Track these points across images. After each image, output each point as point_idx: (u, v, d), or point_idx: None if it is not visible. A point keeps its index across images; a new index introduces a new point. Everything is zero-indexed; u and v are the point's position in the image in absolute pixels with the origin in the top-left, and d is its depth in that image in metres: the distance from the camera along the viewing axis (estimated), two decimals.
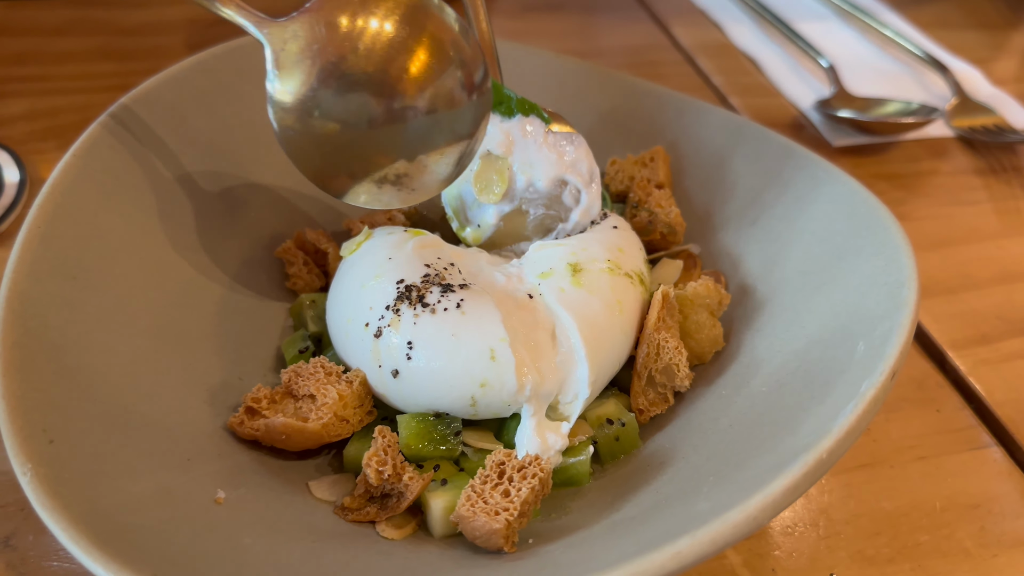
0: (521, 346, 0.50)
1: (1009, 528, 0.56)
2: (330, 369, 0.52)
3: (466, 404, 0.50)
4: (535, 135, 0.58)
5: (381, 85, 0.46)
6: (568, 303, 0.53)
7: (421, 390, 0.51)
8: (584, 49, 1.07)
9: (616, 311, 0.54)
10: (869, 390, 0.41)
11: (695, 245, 0.66)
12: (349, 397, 0.50)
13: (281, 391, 0.52)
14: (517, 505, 0.45)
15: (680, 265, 0.63)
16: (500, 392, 0.50)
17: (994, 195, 0.87)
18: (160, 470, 0.45)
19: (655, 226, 0.64)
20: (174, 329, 0.54)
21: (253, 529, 0.44)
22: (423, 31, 0.46)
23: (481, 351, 0.50)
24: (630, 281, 0.56)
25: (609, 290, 0.54)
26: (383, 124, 0.47)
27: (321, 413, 0.50)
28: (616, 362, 0.54)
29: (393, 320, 0.51)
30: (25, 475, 0.40)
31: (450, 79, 0.47)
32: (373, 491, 0.48)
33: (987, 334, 0.70)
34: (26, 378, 0.44)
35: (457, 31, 0.48)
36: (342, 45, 0.45)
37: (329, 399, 0.50)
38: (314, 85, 0.45)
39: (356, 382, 0.51)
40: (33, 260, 0.48)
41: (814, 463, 0.38)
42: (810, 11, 1.16)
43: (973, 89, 1.00)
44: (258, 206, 0.63)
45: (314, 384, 0.51)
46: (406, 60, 0.46)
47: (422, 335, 0.50)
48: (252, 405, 0.51)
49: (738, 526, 0.36)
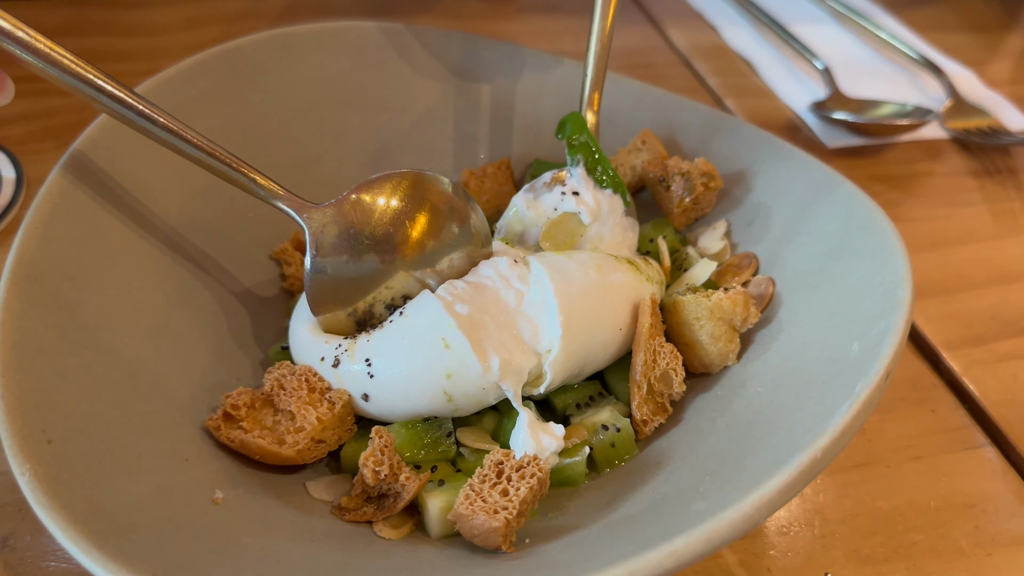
0: (478, 327, 0.51)
1: (1003, 527, 0.57)
2: (314, 385, 0.51)
3: (443, 401, 0.51)
4: (615, 214, 0.62)
5: (394, 250, 0.55)
6: (544, 260, 0.54)
7: (395, 402, 0.51)
8: (579, 50, 1.06)
9: (592, 269, 0.54)
10: (864, 390, 0.42)
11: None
12: (329, 420, 0.50)
13: (261, 399, 0.51)
14: (516, 504, 0.45)
15: (713, 267, 0.62)
16: (468, 377, 0.50)
17: (989, 196, 0.87)
18: (159, 470, 0.45)
19: (693, 182, 0.64)
20: (172, 329, 0.54)
21: (251, 528, 0.45)
22: (424, 202, 0.56)
23: (433, 343, 0.50)
24: (615, 258, 0.56)
25: (587, 256, 0.55)
26: (389, 272, 0.55)
27: (298, 438, 0.49)
28: (596, 319, 0.53)
29: (350, 346, 0.52)
30: (23, 475, 0.40)
31: (446, 232, 0.56)
32: (370, 491, 0.49)
33: (982, 334, 0.71)
34: (25, 378, 0.44)
35: (450, 193, 0.57)
36: (365, 223, 0.54)
37: (307, 424, 0.50)
38: (346, 261, 0.54)
39: (339, 404, 0.51)
40: (32, 261, 0.49)
41: (809, 462, 0.38)
42: (806, 13, 1.17)
43: (968, 91, 1.01)
44: (255, 207, 0.63)
45: (296, 401, 0.50)
46: (412, 228, 0.56)
47: (376, 350, 0.51)
48: (230, 411, 0.50)
49: (734, 525, 0.37)
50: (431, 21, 1.07)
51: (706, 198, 0.65)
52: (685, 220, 0.66)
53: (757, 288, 0.58)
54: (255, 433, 0.49)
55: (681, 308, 0.55)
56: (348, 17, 0.79)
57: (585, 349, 0.53)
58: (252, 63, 0.65)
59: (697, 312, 0.55)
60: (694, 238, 0.66)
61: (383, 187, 0.55)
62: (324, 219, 0.54)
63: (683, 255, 0.63)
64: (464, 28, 1.06)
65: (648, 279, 0.57)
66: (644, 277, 0.57)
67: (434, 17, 1.08)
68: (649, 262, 0.59)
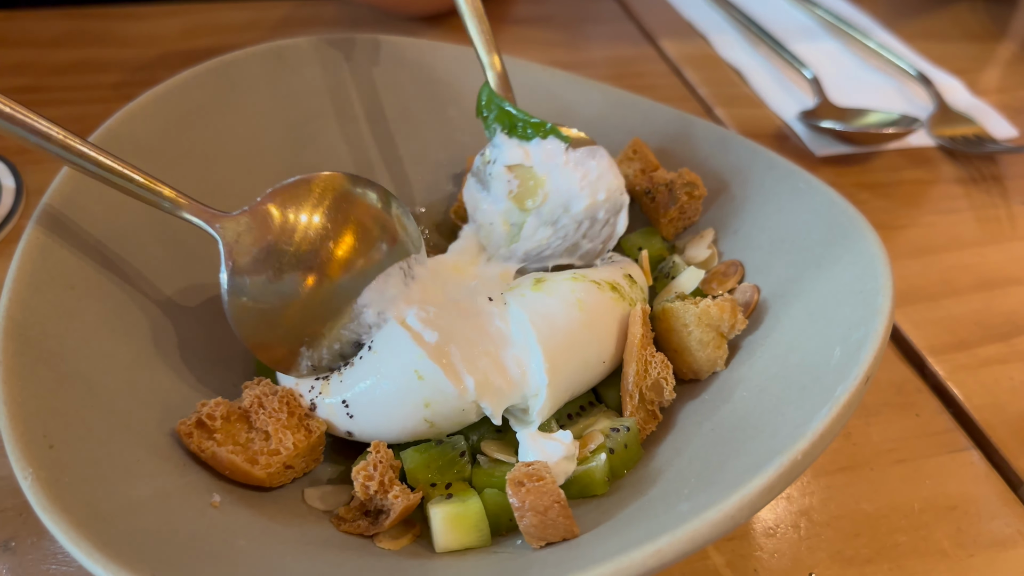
0: (448, 353, 0.51)
1: (985, 529, 0.58)
2: (294, 408, 0.51)
3: (425, 428, 0.52)
4: (555, 156, 0.60)
5: (319, 266, 0.53)
6: (524, 303, 0.55)
7: (378, 435, 0.52)
8: (572, 60, 1.09)
9: (575, 308, 0.54)
10: (843, 394, 0.43)
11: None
12: (303, 448, 0.50)
13: (237, 413, 0.51)
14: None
15: (701, 275, 0.63)
16: (446, 402, 0.51)
17: (974, 204, 0.89)
18: (158, 474, 0.46)
19: (677, 192, 0.65)
20: (171, 335, 0.55)
21: (248, 532, 0.46)
22: (348, 216, 0.54)
23: (407, 376, 0.51)
24: (597, 287, 0.56)
25: (568, 291, 0.55)
26: (321, 295, 0.53)
27: (271, 461, 0.49)
28: (581, 360, 0.54)
29: (324, 387, 0.53)
30: (26, 479, 0.41)
31: (375, 249, 0.55)
32: (367, 504, 0.49)
33: (965, 340, 0.72)
34: (26, 385, 0.45)
35: (379, 207, 0.56)
36: (285, 236, 0.52)
37: (283, 448, 0.49)
38: (265, 273, 0.51)
39: (316, 434, 0.51)
40: (33, 270, 0.50)
41: (789, 464, 0.40)
42: (795, 23, 1.18)
43: (954, 100, 1.02)
44: None
45: (274, 423, 0.50)
46: (336, 244, 0.54)
47: (351, 389, 0.52)
48: (205, 420, 0.50)
49: (716, 524, 0.38)
50: (425, 33, 1.09)
51: (691, 207, 0.66)
52: (672, 230, 0.67)
53: (743, 295, 0.59)
54: (228, 448, 0.49)
55: (670, 315, 0.56)
56: (342, 30, 0.80)
57: (572, 388, 0.54)
58: (248, 76, 0.66)
59: (685, 319, 0.55)
60: (682, 247, 0.67)
61: (302, 193, 0.53)
62: (239, 228, 0.50)
63: (670, 263, 0.65)
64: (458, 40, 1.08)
65: (631, 303, 0.58)
66: (627, 303, 0.57)
67: (428, 28, 1.10)
68: (634, 281, 0.60)
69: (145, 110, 0.60)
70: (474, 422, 0.53)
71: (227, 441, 0.49)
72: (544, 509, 0.46)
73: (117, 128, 0.58)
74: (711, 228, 0.67)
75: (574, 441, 0.52)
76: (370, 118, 0.71)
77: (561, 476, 0.50)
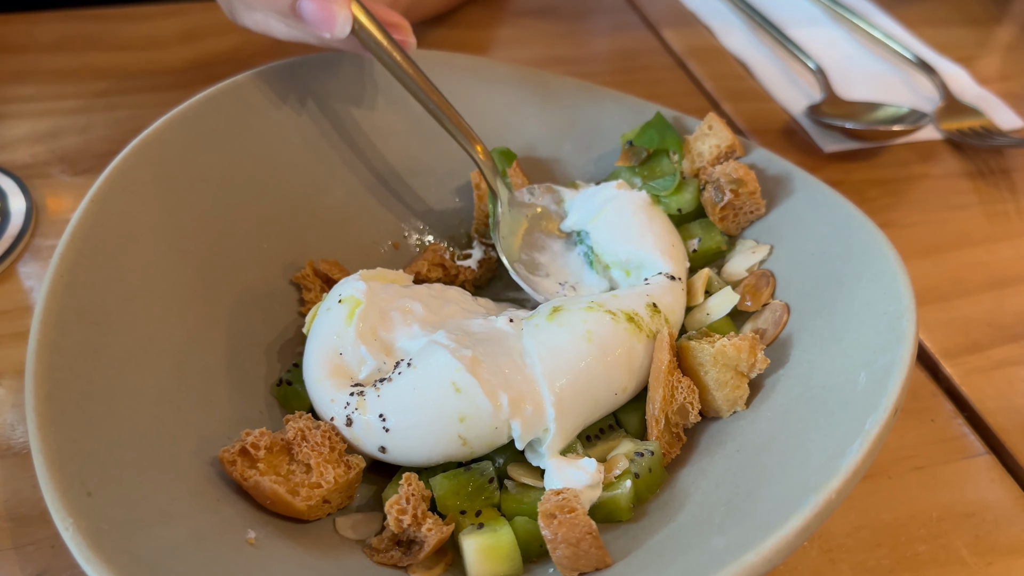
0: (484, 368, 0.52)
1: (1003, 536, 0.59)
2: (335, 444, 0.52)
3: (458, 446, 0.52)
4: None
5: None
6: (535, 334, 0.55)
7: (411, 451, 0.52)
8: (576, 55, 1.08)
9: (583, 340, 0.55)
10: (873, 428, 0.43)
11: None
12: (342, 483, 0.51)
13: (280, 444, 0.52)
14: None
15: (735, 300, 0.62)
16: (480, 418, 0.51)
17: (983, 199, 0.89)
18: (192, 513, 0.47)
19: (723, 190, 0.65)
20: (194, 366, 0.55)
21: (284, 568, 0.46)
22: None
23: (444, 389, 0.51)
24: (611, 318, 0.56)
25: (580, 323, 0.56)
26: None
27: (312, 493, 0.50)
28: (590, 393, 0.54)
29: (360, 403, 0.53)
30: (67, 529, 0.41)
31: None
32: (399, 536, 0.50)
33: (978, 341, 0.73)
34: (60, 430, 0.45)
35: None
36: None
37: (324, 482, 0.50)
38: None
39: (355, 470, 0.52)
40: (59, 309, 0.50)
41: (824, 503, 0.40)
42: (800, 10, 1.18)
43: (960, 90, 1.02)
44: (271, 237, 0.64)
45: (316, 456, 0.51)
46: None
47: (390, 403, 0.52)
48: (248, 448, 0.51)
49: (755, 567, 0.38)
50: (430, 30, 1.08)
51: (745, 203, 0.65)
52: (729, 226, 0.67)
53: (773, 313, 0.60)
54: (271, 478, 0.50)
55: (686, 353, 0.57)
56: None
57: (582, 420, 0.55)
58: (262, 95, 0.66)
59: (701, 358, 0.55)
60: (730, 253, 0.66)
61: None
62: None
63: (701, 277, 0.64)
64: (462, 36, 1.08)
65: (649, 335, 0.57)
66: (645, 333, 0.57)
67: (431, 26, 1.09)
68: (657, 311, 0.59)
69: (162, 135, 0.60)
70: (501, 445, 0.53)
71: (269, 471, 0.50)
72: (576, 541, 0.46)
73: (136, 154, 0.59)
74: (769, 244, 0.65)
75: (599, 468, 0.52)
76: (382, 131, 0.71)
77: (586, 503, 0.51)
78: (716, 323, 0.61)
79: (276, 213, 0.65)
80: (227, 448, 0.50)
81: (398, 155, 0.72)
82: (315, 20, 0.59)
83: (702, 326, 0.61)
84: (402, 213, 0.72)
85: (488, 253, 0.70)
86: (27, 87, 0.95)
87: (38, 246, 0.75)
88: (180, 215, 0.59)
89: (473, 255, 0.70)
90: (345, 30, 0.60)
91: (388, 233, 0.71)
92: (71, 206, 0.79)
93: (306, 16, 0.59)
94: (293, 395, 0.58)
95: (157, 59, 1.01)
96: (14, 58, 0.99)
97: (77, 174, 0.83)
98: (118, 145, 0.88)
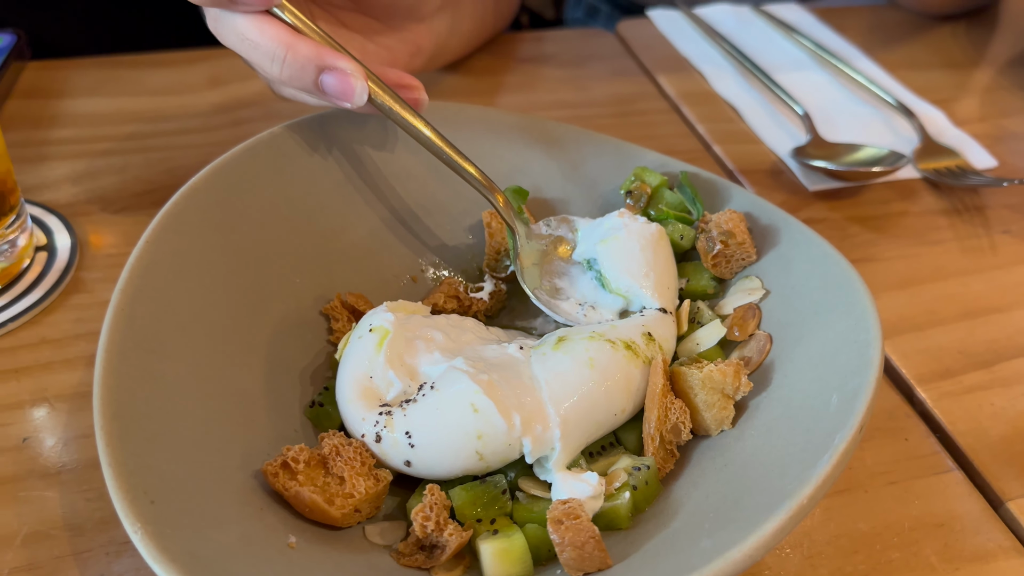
0: (499, 391, 0.58)
1: (969, 544, 0.64)
2: (366, 459, 0.58)
3: (475, 461, 0.58)
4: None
5: None
6: (543, 362, 0.61)
7: (434, 465, 0.58)
8: (576, 99, 1.15)
9: (586, 367, 0.61)
10: (841, 443, 0.50)
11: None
12: (372, 494, 0.57)
13: (316, 459, 0.58)
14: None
15: (722, 332, 0.68)
16: (496, 436, 0.57)
17: (958, 234, 0.95)
18: (240, 519, 0.53)
19: (714, 240, 0.71)
20: (236, 389, 0.61)
21: (323, 568, 0.52)
22: None
23: (464, 409, 0.57)
24: (611, 346, 0.62)
25: (583, 351, 0.62)
26: None
27: (345, 503, 0.56)
28: (591, 415, 0.60)
29: (388, 422, 0.59)
30: (136, 533, 0.47)
31: None
32: (423, 541, 0.56)
33: (950, 368, 0.79)
34: (125, 446, 0.51)
35: None
36: None
37: (356, 492, 0.56)
38: None
39: (383, 483, 0.58)
40: (120, 339, 0.56)
41: (797, 508, 0.46)
42: (786, 55, 1.25)
43: (937, 132, 1.09)
44: (302, 272, 0.71)
45: (350, 470, 0.57)
46: None
47: (415, 422, 0.58)
48: (289, 462, 0.57)
49: (737, 563, 0.44)
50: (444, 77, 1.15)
51: (736, 252, 0.71)
52: (723, 271, 0.73)
53: (757, 343, 0.66)
54: (309, 488, 0.56)
55: (678, 377, 0.63)
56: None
57: (584, 439, 0.61)
58: (295, 144, 0.72)
59: (691, 382, 0.62)
60: (725, 290, 0.72)
61: None
62: None
63: (695, 309, 0.71)
64: (472, 83, 1.15)
65: (645, 361, 0.63)
66: (641, 360, 0.63)
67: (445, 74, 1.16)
68: (651, 339, 0.65)
69: (208, 182, 0.66)
70: (512, 460, 0.59)
71: (307, 483, 0.56)
72: (581, 544, 0.52)
73: (185, 199, 0.65)
74: (765, 289, 0.70)
75: (600, 481, 0.58)
76: (402, 175, 0.78)
77: (589, 512, 0.56)
78: (706, 351, 0.68)
79: (307, 250, 0.71)
80: (270, 462, 0.56)
81: (416, 196, 0.78)
82: (337, 93, 0.67)
83: (692, 354, 0.68)
84: (419, 249, 0.78)
85: (498, 286, 0.76)
86: (66, 130, 1.02)
87: (82, 278, 0.81)
88: (224, 253, 0.66)
89: (485, 288, 0.76)
90: (363, 99, 0.67)
91: (407, 268, 0.77)
92: (111, 241, 0.86)
93: (329, 91, 0.67)
94: (324, 416, 0.64)
95: (186, 103, 1.08)
96: (53, 103, 1.06)
97: (115, 212, 0.90)
98: (152, 185, 0.96)
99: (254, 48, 0.67)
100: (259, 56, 0.67)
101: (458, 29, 1.05)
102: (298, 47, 0.66)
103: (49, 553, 0.59)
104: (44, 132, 1.01)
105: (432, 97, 0.74)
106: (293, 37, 0.66)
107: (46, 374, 0.72)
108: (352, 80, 0.66)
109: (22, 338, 0.75)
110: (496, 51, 1.23)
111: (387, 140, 0.77)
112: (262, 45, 0.67)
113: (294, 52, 0.66)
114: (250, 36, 0.67)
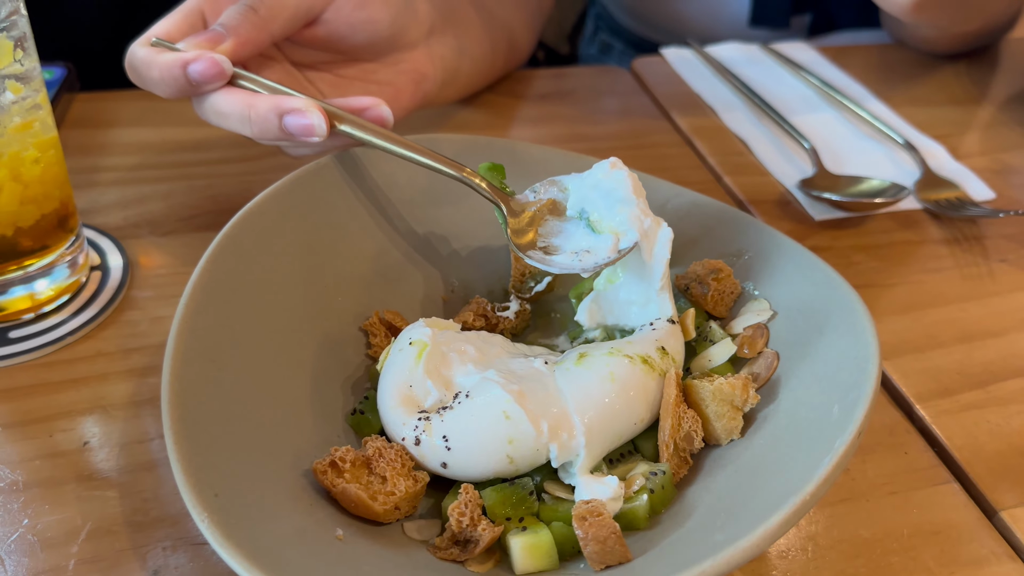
0: (529, 400, 0.63)
1: (964, 550, 0.68)
2: (406, 461, 0.63)
3: (506, 464, 0.63)
4: None
5: None
6: (566, 376, 0.66)
7: (468, 467, 0.63)
8: (592, 133, 1.21)
9: (607, 380, 0.65)
10: (840, 446, 0.55)
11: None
12: (411, 493, 0.62)
13: (361, 460, 0.62)
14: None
15: (732, 350, 0.73)
16: (526, 441, 0.62)
17: (957, 263, 1.00)
18: (293, 514, 0.58)
19: (706, 282, 0.76)
20: (286, 397, 0.67)
21: (368, 559, 0.57)
22: None
23: (497, 416, 0.62)
24: (629, 361, 0.67)
25: (603, 365, 0.66)
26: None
27: (387, 500, 0.61)
28: (612, 425, 0.65)
29: (426, 427, 0.64)
30: (203, 522, 0.52)
31: None
32: (458, 536, 0.61)
33: (948, 387, 0.83)
34: (191, 445, 0.57)
35: None
36: None
37: (398, 491, 0.61)
38: None
39: (421, 483, 0.63)
40: (185, 349, 0.62)
41: (800, 503, 0.51)
42: (795, 93, 1.31)
43: (938, 166, 1.14)
44: (343, 291, 0.76)
45: (391, 470, 0.62)
46: None
47: (451, 428, 0.63)
48: (337, 461, 0.61)
49: (746, 551, 0.49)
50: (459, 112, 1.21)
51: (726, 286, 0.77)
52: (721, 310, 0.77)
53: (765, 360, 0.71)
54: (355, 485, 0.61)
55: (690, 390, 0.68)
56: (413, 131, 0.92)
57: (606, 447, 0.65)
58: (338, 174, 0.79)
59: (703, 394, 0.66)
60: (734, 314, 0.77)
61: None
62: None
63: (707, 328, 0.75)
64: (490, 119, 1.21)
65: (660, 373, 0.68)
66: (657, 372, 0.67)
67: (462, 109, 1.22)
68: (666, 353, 0.69)
69: (261, 208, 0.72)
70: (540, 464, 0.64)
71: (353, 480, 0.61)
72: (603, 539, 0.57)
73: (240, 223, 0.71)
74: (772, 310, 0.75)
75: (620, 484, 0.63)
76: (435, 202, 0.84)
77: (610, 512, 0.61)
78: (718, 367, 0.73)
79: (348, 271, 0.77)
80: (319, 461, 0.61)
81: (447, 223, 0.84)
82: (299, 131, 0.74)
83: (705, 370, 0.73)
84: (450, 271, 0.84)
85: (523, 306, 0.82)
86: (114, 158, 1.08)
87: (134, 297, 0.87)
88: (274, 274, 0.71)
89: (510, 307, 0.81)
90: (323, 128, 0.74)
91: (439, 288, 0.83)
92: (160, 262, 0.92)
93: (293, 131, 0.74)
94: (364, 423, 0.69)
95: (225, 133, 1.10)
96: (101, 132, 1.12)
97: (163, 235, 0.96)
98: (197, 210, 1.02)
99: (227, 118, 0.77)
100: (233, 122, 0.77)
101: (469, 52, 1.10)
102: (257, 104, 0.75)
103: (111, 547, 0.64)
104: (94, 159, 1.07)
105: (448, 130, 0.80)
106: (252, 97, 0.76)
107: (102, 384, 0.77)
108: (307, 115, 0.73)
109: (79, 351, 0.81)
110: (515, 88, 1.29)
111: (419, 170, 0.83)
112: (231, 113, 0.77)
113: (255, 109, 0.75)
114: (221, 109, 0.77)
